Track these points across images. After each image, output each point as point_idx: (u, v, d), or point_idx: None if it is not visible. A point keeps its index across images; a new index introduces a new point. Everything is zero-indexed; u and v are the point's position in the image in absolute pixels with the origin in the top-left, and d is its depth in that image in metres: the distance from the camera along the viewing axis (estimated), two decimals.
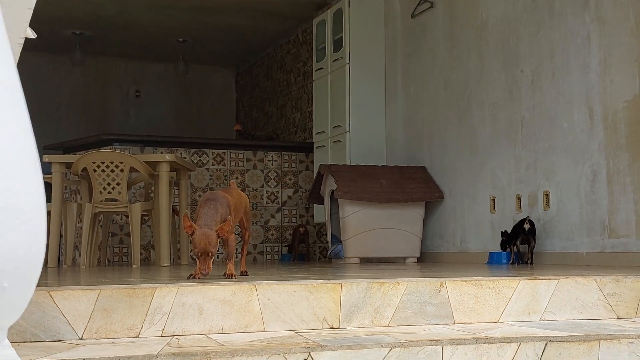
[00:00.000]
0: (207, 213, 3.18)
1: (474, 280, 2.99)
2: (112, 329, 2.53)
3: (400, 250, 6.61)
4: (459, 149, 6.51)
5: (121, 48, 11.57)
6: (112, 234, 8.07)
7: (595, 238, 5.02)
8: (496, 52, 6.05)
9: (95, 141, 8.14)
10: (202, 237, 3.09)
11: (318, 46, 8.42)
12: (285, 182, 8.77)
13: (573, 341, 2.58)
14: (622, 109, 4.83)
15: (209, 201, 3.25)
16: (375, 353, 2.35)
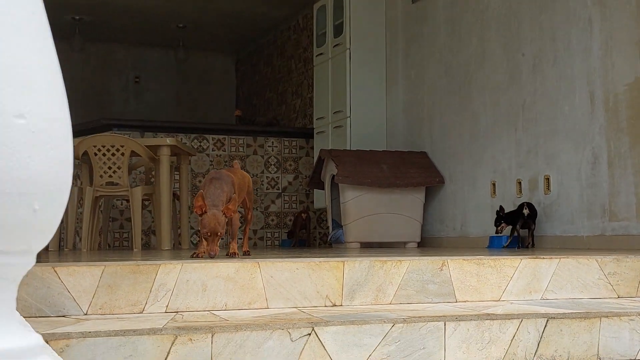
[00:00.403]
0: (214, 192, 3.19)
1: (476, 259, 3.01)
2: (116, 305, 2.54)
3: (401, 235, 6.63)
4: (460, 133, 6.51)
5: (121, 34, 11.56)
6: (112, 219, 8.08)
7: (596, 221, 5.03)
8: (497, 36, 6.05)
9: (95, 126, 8.14)
10: (211, 217, 3.11)
11: (318, 32, 8.41)
12: (285, 168, 8.78)
13: (574, 318, 2.60)
14: (623, 92, 4.83)
15: (214, 180, 3.26)
16: (378, 328, 2.37)
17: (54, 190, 0.77)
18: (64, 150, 0.79)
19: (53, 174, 0.76)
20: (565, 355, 2.58)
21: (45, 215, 0.77)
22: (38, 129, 0.74)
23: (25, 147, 0.73)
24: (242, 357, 2.21)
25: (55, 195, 0.78)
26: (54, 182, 0.77)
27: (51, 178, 0.76)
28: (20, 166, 0.73)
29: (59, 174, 0.78)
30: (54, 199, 0.78)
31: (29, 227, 0.75)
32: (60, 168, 0.78)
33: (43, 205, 0.75)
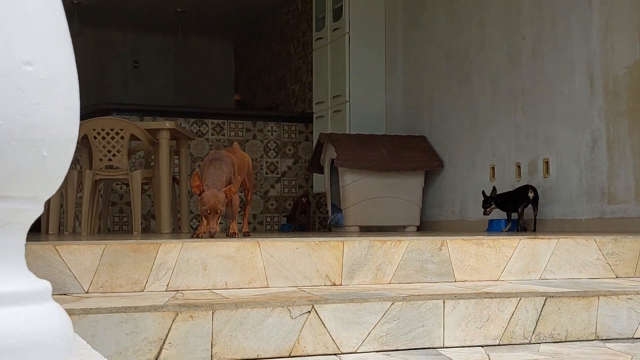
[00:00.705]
0: (214, 173, 3.21)
1: (475, 239, 3.02)
2: (117, 284, 2.56)
3: (400, 219, 6.64)
4: (459, 117, 6.51)
5: (119, 18, 11.52)
6: (112, 203, 8.09)
7: (595, 204, 5.04)
8: (497, 19, 6.04)
9: (93, 111, 8.13)
10: (210, 195, 3.13)
11: (318, 15, 8.39)
12: (284, 153, 8.78)
13: (572, 297, 2.62)
14: (622, 75, 4.83)
15: (214, 161, 3.27)
16: (377, 306, 2.38)
17: (62, 138, 0.78)
18: (71, 99, 0.80)
19: (61, 122, 0.77)
20: (564, 334, 2.60)
21: (54, 162, 0.78)
22: (46, 76, 0.76)
23: (33, 94, 0.75)
24: (242, 334, 2.22)
25: (63, 143, 0.79)
26: (62, 130, 0.78)
27: (59, 126, 0.77)
28: (29, 112, 0.75)
29: (67, 122, 0.79)
30: (62, 147, 0.79)
31: (37, 173, 0.76)
32: (67, 116, 0.79)
33: (51, 152, 0.76)
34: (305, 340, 2.29)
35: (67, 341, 0.77)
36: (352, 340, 2.34)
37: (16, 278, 0.77)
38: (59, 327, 0.78)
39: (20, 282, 0.78)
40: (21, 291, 0.76)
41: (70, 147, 0.82)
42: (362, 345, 2.35)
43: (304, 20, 10.09)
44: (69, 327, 0.79)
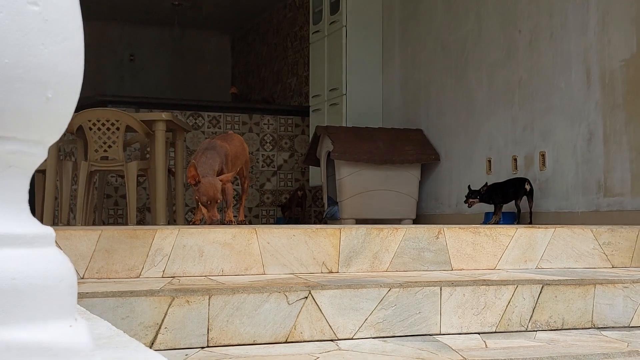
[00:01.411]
0: (205, 162, 3.21)
1: (472, 227, 3.02)
2: (113, 269, 2.55)
3: (396, 212, 6.64)
4: (456, 110, 6.51)
5: (116, 12, 11.50)
6: (107, 195, 8.07)
7: (591, 197, 5.05)
8: (494, 12, 6.04)
9: (89, 103, 8.10)
10: (208, 185, 3.13)
11: (315, 9, 8.38)
12: (281, 146, 8.77)
13: (569, 285, 2.62)
14: (619, 68, 4.84)
15: (207, 150, 3.28)
16: (374, 292, 2.38)
17: (66, 81, 0.78)
18: (76, 42, 0.80)
19: (66, 65, 0.77)
20: (560, 322, 2.60)
21: (58, 105, 0.77)
22: (51, 18, 0.75)
23: (38, 35, 0.75)
24: (239, 319, 2.22)
25: (67, 86, 0.78)
26: (66, 73, 0.78)
27: (64, 68, 0.77)
28: (34, 52, 0.74)
29: (72, 66, 0.79)
30: (67, 90, 0.79)
31: (42, 115, 0.76)
32: (72, 59, 0.79)
33: (56, 94, 0.76)
34: (302, 326, 2.28)
35: (70, 286, 0.76)
36: (348, 327, 2.34)
37: (20, 221, 0.77)
38: (63, 272, 0.78)
39: (24, 225, 0.77)
40: (25, 234, 0.76)
41: (75, 92, 0.82)
42: (358, 332, 2.35)
43: (301, 14, 10.08)
44: (72, 273, 0.79)
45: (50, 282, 0.74)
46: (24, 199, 0.79)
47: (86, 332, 0.77)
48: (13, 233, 0.74)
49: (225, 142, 3.36)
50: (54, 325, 0.72)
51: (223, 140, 3.37)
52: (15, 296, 0.70)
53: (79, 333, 0.75)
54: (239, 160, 3.46)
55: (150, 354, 0.95)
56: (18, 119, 0.73)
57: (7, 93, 0.71)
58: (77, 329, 0.75)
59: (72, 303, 0.76)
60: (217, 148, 3.27)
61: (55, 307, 0.73)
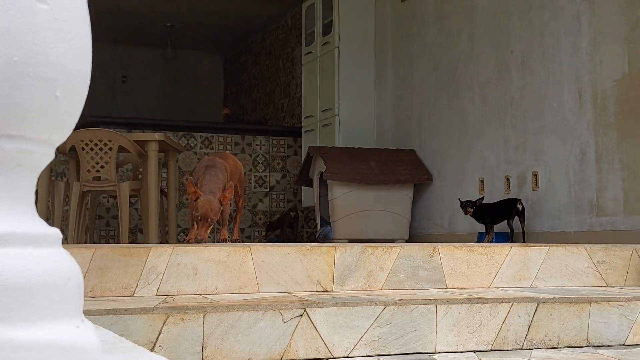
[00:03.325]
0: (210, 180, 3.23)
1: (466, 246, 3.01)
2: (107, 288, 2.53)
3: (389, 232, 6.63)
4: (449, 130, 6.53)
5: (108, 33, 11.51)
6: (98, 216, 8.04)
7: (584, 217, 5.05)
8: (486, 33, 6.08)
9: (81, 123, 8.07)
10: (205, 203, 3.14)
11: (307, 30, 8.42)
12: (273, 167, 8.77)
13: (564, 303, 2.61)
14: (611, 88, 4.86)
15: (209, 168, 3.29)
16: (369, 310, 2.37)
17: (75, 81, 0.78)
18: (84, 42, 0.80)
19: (75, 64, 0.77)
20: (556, 340, 2.59)
21: (67, 104, 0.77)
22: (60, 17, 0.75)
23: (48, 33, 0.75)
24: (234, 337, 2.20)
25: (76, 85, 0.78)
26: (75, 73, 0.77)
27: (73, 68, 0.77)
28: (43, 51, 0.74)
29: (80, 65, 0.78)
30: (75, 90, 0.78)
31: (50, 114, 0.76)
32: (81, 59, 0.78)
33: (65, 93, 0.76)
34: (297, 344, 2.27)
35: (77, 285, 0.75)
36: (344, 345, 2.32)
37: (27, 220, 0.76)
38: (71, 271, 0.77)
39: (31, 224, 0.77)
40: (33, 233, 0.75)
41: (83, 92, 0.82)
42: (354, 350, 2.33)
43: (293, 36, 10.12)
44: (79, 274, 0.78)
45: (58, 281, 0.73)
46: (31, 198, 0.78)
47: (93, 332, 0.76)
48: (20, 232, 0.74)
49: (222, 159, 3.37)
50: (62, 325, 0.71)
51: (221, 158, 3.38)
52: (22, 295, 0.69)
53: (87, 333, 0.74)
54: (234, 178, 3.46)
55: (154, 357, 0.94)
56: (26, 117, 0.72)
57: (16, 91, 0.71)
58: (85, 329, 0.75)
59: (79, 303, 0.76)
60: (218, 165, 3.29)
61: (62, 307, 0.72)
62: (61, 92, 0.76)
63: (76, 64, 0.79)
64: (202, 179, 3.26)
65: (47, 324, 0.70)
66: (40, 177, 4.99)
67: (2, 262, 0.70)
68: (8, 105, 0.71)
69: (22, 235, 0.74)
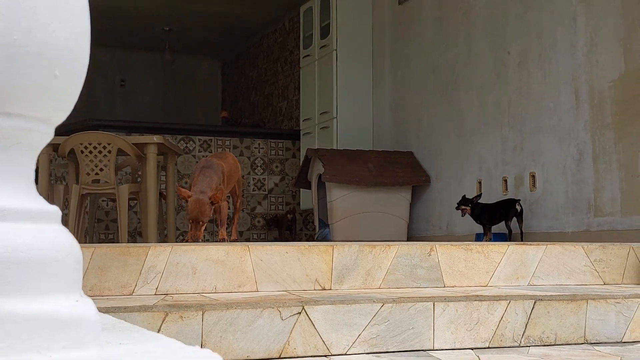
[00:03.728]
0: (203, 180, 3.25)
1: (464, 244, 3.03)
2: (106, 287, 2.54)
3: (387, 234, 6.64)
4: (446, 132, 6.55)
5: (107, 37, 11.54)
6: (98, 220, 8.05)
7: (581, 217, 5.07)
8: (484, 34, 6.10)
9: (80, 127, 8.11)
10: (194, 205, 3.16)
11: (305, 33, 8.44)
12: (271, 170, 8.78)
13: (561, 300, 2.63)
14: (608, 89, 4.88)
15: (204, 169, 3.31)
16: (367, 308, 2.38)
17: (73, 60, 0.79)
18: (82, 23, 0.81)
19: (73, 44, 0.78)
20: (553, 337, 2.60)
21: (65, 83, 0.78)
22: None
23: (45, 12, 0.75)
24: (232, 335, 2.22)
25: (74, 65, 0.79)
26: (74, 52, 0.79)
27: (71, 47, 0.78)
28: (42, 29, 0.75)
29: (79, 45, 0.80)
30: (74, 69, 0.80)
31: (49, 93, 0.77)
32: (79, 39, 0.80)
33: (63, 72, 0.77)
34: (296, 342, 2.28)
35: (76, 261, 0.77)
36: (342, 342, 2.34)
37: (27, 197, 0.78)
38: (69, 247, 0.78)
39: (31, 201, 0.78)
40: (32, 209, 0.77)
41: (81, 72, 0.83)
42: (352, 347, 2.35)
43: (291, 39, 10.14)
44: (78, 250, 0.79)
45: (57, 256, 0.74)
46: (31, 177, 0.80)
47: (92, 307, 0.78)
48: (20, 207, 0.75)
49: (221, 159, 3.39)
50: (61, 298, 0.72)
51: (219, 158, 3.40)
52: (22, 268, 0.71)
53: (86, 307, 0.75)
54: (233, 178, 3.49)
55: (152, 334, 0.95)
56: (25, 96, 0.73)
57: (16, 69, 0.72)
58: (84, 303, 0.76)
59: (79, 278, 0.77)
60: (214, 166, 3.31)
61: (62, 281, 0.74)
62: (60, 71, 0.77)
63: (74, 44, 0.80)
64: (196, 179, 3.29)
65: (47, 297, 0.71)
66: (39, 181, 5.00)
67: (1, 236, 0.72)
68: (7, 83, 0.73)
69: (21, 211, 0.75)
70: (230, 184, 3.44)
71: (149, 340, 0.89)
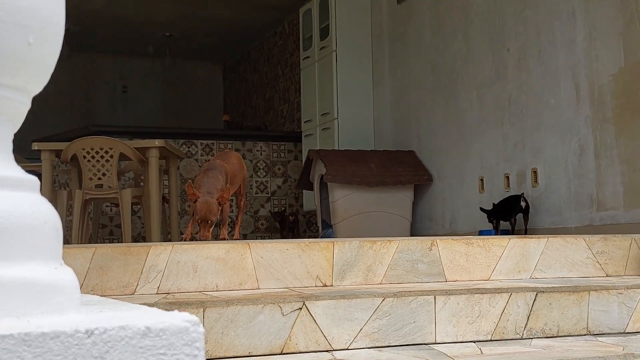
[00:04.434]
0: (208, 182, 3.29)
1: (465, 238, 3.03)
2: (107, 287, 2.55)
3: (390, 233, 6.63)
4: (447, 130, 6.55)
5: (108, 43, 11.57)
6: (102, 225, 8.06)
7: (584, 212, 5.06)
8: (482, 32, 6.10)
9: (82, 133, 8.12)
10: (203, 205, 3.19)
11: (305, 35, 8.45)
12: (274, 172, 8.79)
13: (563, 292, 2.63)
14: (607, 83, 4.88)
15: (208, 171, 3.36)
16: (368, 302, 2.38)
17: (48, 27, 0.79)
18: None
19: (47, 10, 0.79)
20: (555, 329, 2.60)
21: (40, 51, 0.79)
22: None
23: None
24: (234, 331, 2.22)
25: (49, 32, 0.80)
26: (48, 19, 0.79)
27: (45, 14, 0.78)
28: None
29: (54, 12, 0.80)
30: (49, 37, 0.80)
31: (24, 60, 0.77)
32: (54, 6, 0.80)
33: (38, 40, 0.77)
34: (297, 337, 2.28)
35: (55, 229, 0.77)
36: (343, 337, 2.34)
37: (4, 166, 0.78)
38: (48, 215, 0.78)
39: (8, 169, 0.78)
40: (9, 177, 0.77)
41: (57, 41, 0.83)
42: (353, 342, 2.35)
43: (291, 42, 10.15)
44: (57, 218, 0.80)
45: (35, 223, 0.75)
46: (9, 147, 0.80)
47: (72, 275, 0.78)
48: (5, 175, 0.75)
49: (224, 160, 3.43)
50: (40, 265, 0.73)
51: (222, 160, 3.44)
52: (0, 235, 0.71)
53: (65, 274, 0.76)
54: (237, 178, 3.52)
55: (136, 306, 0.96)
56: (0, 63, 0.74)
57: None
58: (63, 271, 0.76)
59: (58, 247, 0.77)
60: (218, 168, 3.35)
61: (40, 248, 0.74)
62: (34, 39, 0.78)
63: (49, 11, 0.80)
64: (201, 181, 3.33)
65: (25, 264, 0.72)
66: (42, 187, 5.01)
67: None
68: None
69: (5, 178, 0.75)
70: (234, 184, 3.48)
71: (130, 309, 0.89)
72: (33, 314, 0.73)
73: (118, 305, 0.98)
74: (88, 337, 0.70)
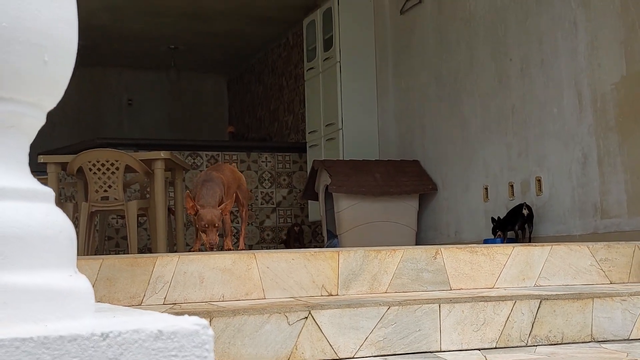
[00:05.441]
0: (207, 194, 3.30)
1: (469, 247, 3.05)
2: (115, 298, 2.57)
3: (396, 243, 6.65)
4: (451, 140, 6.57)
5: (113, 57, 11.64)
6: (108, 237, 8.10)
7: (588, 220, 5.08)
8: (485, 42, 6.13)
9: (88, 146, 8.17)
10: (207, 211, 3.21)
11: (309, 46, 8.50)
12: (279, 183, 8.82)
13: (567, 299, 2.64)
14: (610, 91, 4.90)
15: (206, 182, 3.36)
16: (374, 311, 2.40)
17: (62, 47, 0.82)
18: (69, 11, 0.85)
19: (61, 31, 0.82)
20: (560, 336, 2.61)
21: (55, 69, 0.82)
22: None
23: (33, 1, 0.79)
24: (240, 341, 2.24)
25: (63, 51, 0.83)
26: (62, 39, 0.82)
27: (59, 34, 0.81)
28: (30, 17, 0.79)
29: (66, 33, 0.83)
30: (63, 56, 0.83)
31: (40, 78, 0.80)
32: (67, 27, 0.83)
33: (53, 58, 0.80)
34: (303, 346, 2.30)
35: (69, 238, 0.80)
36: (349, 346, 2.36)
37: (20, 178, 0.81)
38: (62, 225, 0.81)
39: (24, 181, 0.81)
40: (26, 189, 0.80)
41: (70, 60, 0.87)
42: (359, 350, 2.37)
43: (295, 53, 10.20)
44: (71, 227, 0.82)
45: (50, 232, 0.77)
46: (25, 159, 0.83)
47: (86, 282, 0.80)
48: (14, 187, 0.78)
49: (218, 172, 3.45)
50: (56, 272, 0.76)
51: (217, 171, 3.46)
52: (15, 243, 0.74)
53: (80, 281, 0.78)
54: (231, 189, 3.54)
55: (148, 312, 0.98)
56: (16, 81, 0.77)
57: (6, 55, 0.76)
58: (78, 278, 0.79)
59: (72, 255, 0.80)
60: (214, 179, 3.36)
61: (55, 256, 0.77)
62: (49, 57, 0.81)
63: (62, 32, 0.83)
64: (199, 193, 3.34)
65: (42, 271, 0.75)
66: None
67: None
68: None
69: (15, 190, 0.78)
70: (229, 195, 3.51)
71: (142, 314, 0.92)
72: (50, 319, 0.76)
73: (130, 311, 1.01)
74: (103, 340, 0.73)
